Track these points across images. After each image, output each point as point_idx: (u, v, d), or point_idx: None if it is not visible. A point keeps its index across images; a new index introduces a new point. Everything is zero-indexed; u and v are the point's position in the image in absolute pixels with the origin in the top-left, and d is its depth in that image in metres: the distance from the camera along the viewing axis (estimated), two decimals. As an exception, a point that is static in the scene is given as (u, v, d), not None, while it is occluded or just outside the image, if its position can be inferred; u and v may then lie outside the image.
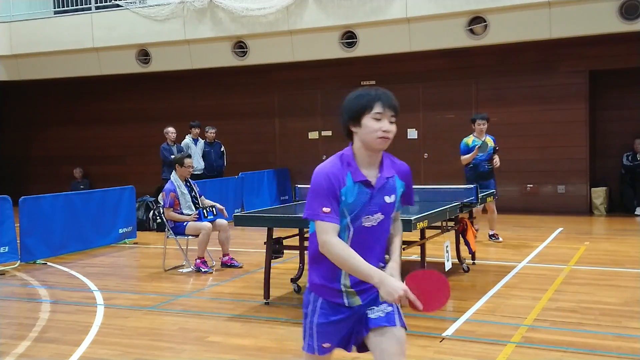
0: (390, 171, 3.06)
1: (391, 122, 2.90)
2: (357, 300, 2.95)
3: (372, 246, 2.95)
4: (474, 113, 11.29)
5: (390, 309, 2.99)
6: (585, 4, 11.37)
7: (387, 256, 3.06)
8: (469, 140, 9.43)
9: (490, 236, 9.62)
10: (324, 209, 2.81)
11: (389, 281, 2.76)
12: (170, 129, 12.26)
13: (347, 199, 2.84)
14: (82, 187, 15.30)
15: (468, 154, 9.33)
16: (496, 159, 9.37)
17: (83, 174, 16.53)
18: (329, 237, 2.81)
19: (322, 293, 2.95)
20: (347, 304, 2.94)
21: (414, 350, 4.90)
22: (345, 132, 2.97)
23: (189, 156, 8.61)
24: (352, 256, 2.80)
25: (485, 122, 9.44)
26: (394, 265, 2.95)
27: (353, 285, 2.92)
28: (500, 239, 9.54)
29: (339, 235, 2.85)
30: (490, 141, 9.50)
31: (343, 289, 2.93)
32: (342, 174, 2.86)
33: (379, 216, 2.92)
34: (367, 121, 2.86)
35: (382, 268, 2.92)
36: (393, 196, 3.00)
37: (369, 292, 2.95)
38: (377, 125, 2.86)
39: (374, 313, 2.97)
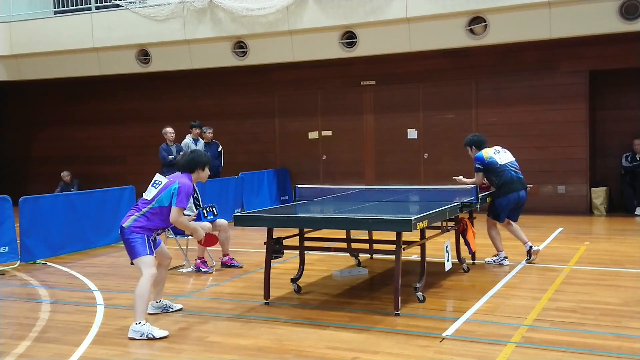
0: None
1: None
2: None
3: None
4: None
5: None
6: (585, 4, 11.37)
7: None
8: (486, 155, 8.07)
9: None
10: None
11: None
12: (169, 129, 12.25)
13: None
14: (72, 190, 14.76)
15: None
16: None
17: (72, 177, 15.84)
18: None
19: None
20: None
21: (414, 350, 4.90)
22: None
23: (182, 153, 8.58)
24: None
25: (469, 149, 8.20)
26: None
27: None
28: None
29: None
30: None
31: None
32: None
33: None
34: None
35: None
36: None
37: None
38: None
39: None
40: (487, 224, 8.11)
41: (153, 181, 5.79)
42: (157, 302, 6.16)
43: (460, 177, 8.31)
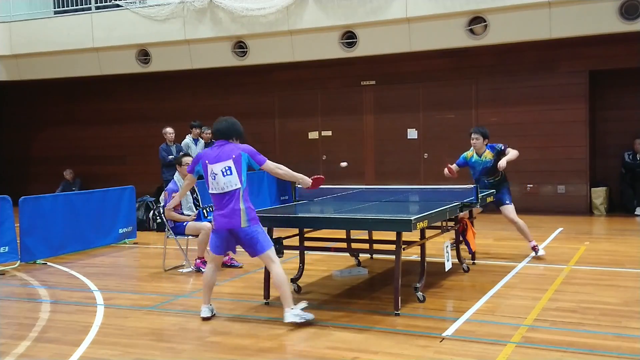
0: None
1: None
2: None
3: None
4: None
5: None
6: (585, 4, 11.38)
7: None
8: (468, 154, 8.53)
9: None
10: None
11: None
12: (169, 129, 12.24)
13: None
14: (74, 189, 15.11)
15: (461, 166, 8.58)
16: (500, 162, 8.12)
17: (74, 175, 16.20)
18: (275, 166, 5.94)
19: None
20: None
21: (414, 350, 4.90)
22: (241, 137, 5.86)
23: (187, 155, 8.61)
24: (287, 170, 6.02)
25: (477, 136, 8.33)
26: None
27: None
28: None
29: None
30: (489, 155, 8.33)
31: None
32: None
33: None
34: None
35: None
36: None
37: None
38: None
39: None
40: (511, 214, 8.24)
41: (218, 172, 5.54)
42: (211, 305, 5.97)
43: (504, 160, 8.11)
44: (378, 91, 14.17)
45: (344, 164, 8.20)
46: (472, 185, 7.39)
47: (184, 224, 8.08)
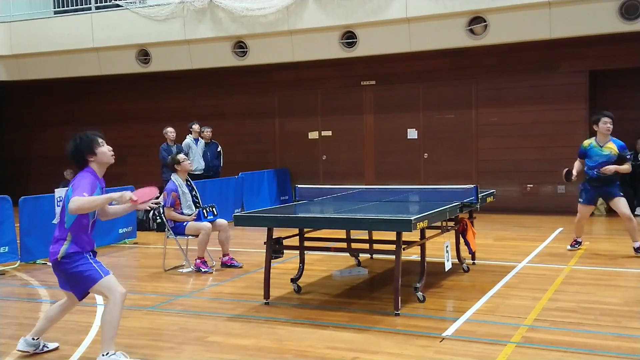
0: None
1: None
2: None
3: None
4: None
5: None
6: (585, 4, 11.37)
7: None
8: (587, 143, 8.55)
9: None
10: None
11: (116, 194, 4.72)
12: (170, 129, 12.25)
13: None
14: None
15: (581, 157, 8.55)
16: (609, 168, 8.16)
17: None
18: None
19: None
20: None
21: (414, 350, 4.90)
22: (80, 162, 5.03)
23: (181, 152, 8.60)
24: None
25: (611, 121, 8.33)
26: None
27: None
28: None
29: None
30: (613, 148, 8.34)
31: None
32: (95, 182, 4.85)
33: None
34: (101, 150, 5.11)
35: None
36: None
37: None
38: (106, 149, 5.14)
39: None
40: (624, 207, 8.28)
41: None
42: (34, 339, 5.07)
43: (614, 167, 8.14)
44: (378, 91, 14.17)
45: None
46: (472, 185, 7.39)
47: (184, 224, 8.08)
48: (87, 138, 5.04)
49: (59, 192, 5.03)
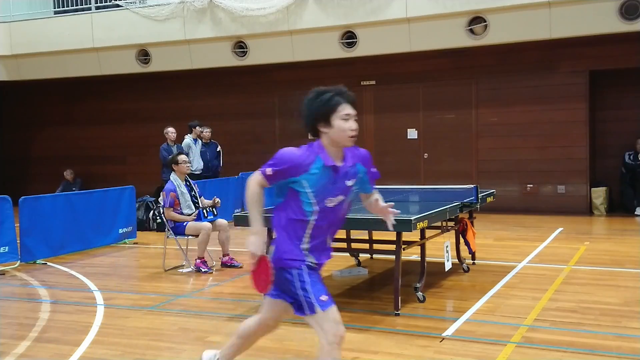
0: (352, 160, 3.54)
1: (355, 121, 3.40)
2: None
3: (332, 223, 3.53)
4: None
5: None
6: (585, 4, 11.38)
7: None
8: None
9: None
10: (268, 170, 3.40)
11: (253, 238, 3.42)
12: (170, 129, 12.25)
13: (311, 183, 3.37)
14: (74, 189, 15.15)
15: None
16: None
17: (74, 176, 16.22)
18: (254, 182, 3.48)
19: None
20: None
21: (414, 350, 4.90)
22: (312, 131, 3.44)
23: (181, 153, 8.60)
24: (255, 201, 3.47)
25: None
26: (377, 196, 3.84)
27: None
28: None
29: (306, 211, 3.41)
30: None
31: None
32: (308, 162, 3.36)
33: (340, 197, 3.48)
34: (337, 122, 3.34)
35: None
36: (353, 180, 3.53)
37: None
38: (346, 125, 3.35)
39: None
40: None
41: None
42: None
43: None
44: (378, 91, 14.17)
45: None
46: (472, 185, 7.39)
47: (184, 224, 8.08)
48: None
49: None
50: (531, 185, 13.00)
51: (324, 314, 3.40)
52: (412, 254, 7.82)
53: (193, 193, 8.34)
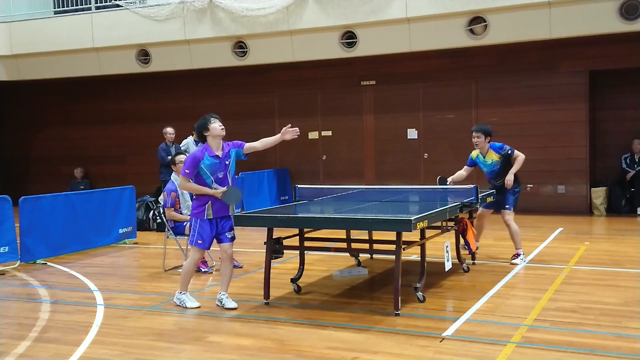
0: (227, 148, 6.36)
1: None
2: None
3: (223, 184, 6.16)
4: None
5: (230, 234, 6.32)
6: (585, 4, 11.37)
7: None
8: (474, 154, 8.37)
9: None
10: (186, 170, 6.06)
11: (212, 191, 6.12)
12: (169, 130, 12.23)
13: (206, 166, 6.08)
14: (82, 187, 15.35)
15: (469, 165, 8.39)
16: (507, 179, 7.95)
17: (84, 174, 16.56)
18: (184, 180, 6.13)
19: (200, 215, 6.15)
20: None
21: (414, 350, 4.90)
22: (200, 137, 6.32)
23: (180, 153, 8.59)
24: (195, 188, 6.13)
25: (478, 135, 8.15)
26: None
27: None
28: None
29: (208, 183, 6.11)
30: (495, 157, 8.16)
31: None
32: (201, 155, 6.09)
33: (222, 172, 6.18)
34: (212, 125, 6.39)
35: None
36: (229, 160, 6.29)
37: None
38: (217, 125, 6.45)
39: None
40: (507, 217, 8.08)
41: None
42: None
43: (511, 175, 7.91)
44: (378, 91, 14.17)
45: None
46: (472, 185, 7.39)
47: (184, 224, 8.07)
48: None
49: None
50: (531, 185, 12.99)
51: (192, 247, 6.24)
52: (412, 254, 7.82)
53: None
